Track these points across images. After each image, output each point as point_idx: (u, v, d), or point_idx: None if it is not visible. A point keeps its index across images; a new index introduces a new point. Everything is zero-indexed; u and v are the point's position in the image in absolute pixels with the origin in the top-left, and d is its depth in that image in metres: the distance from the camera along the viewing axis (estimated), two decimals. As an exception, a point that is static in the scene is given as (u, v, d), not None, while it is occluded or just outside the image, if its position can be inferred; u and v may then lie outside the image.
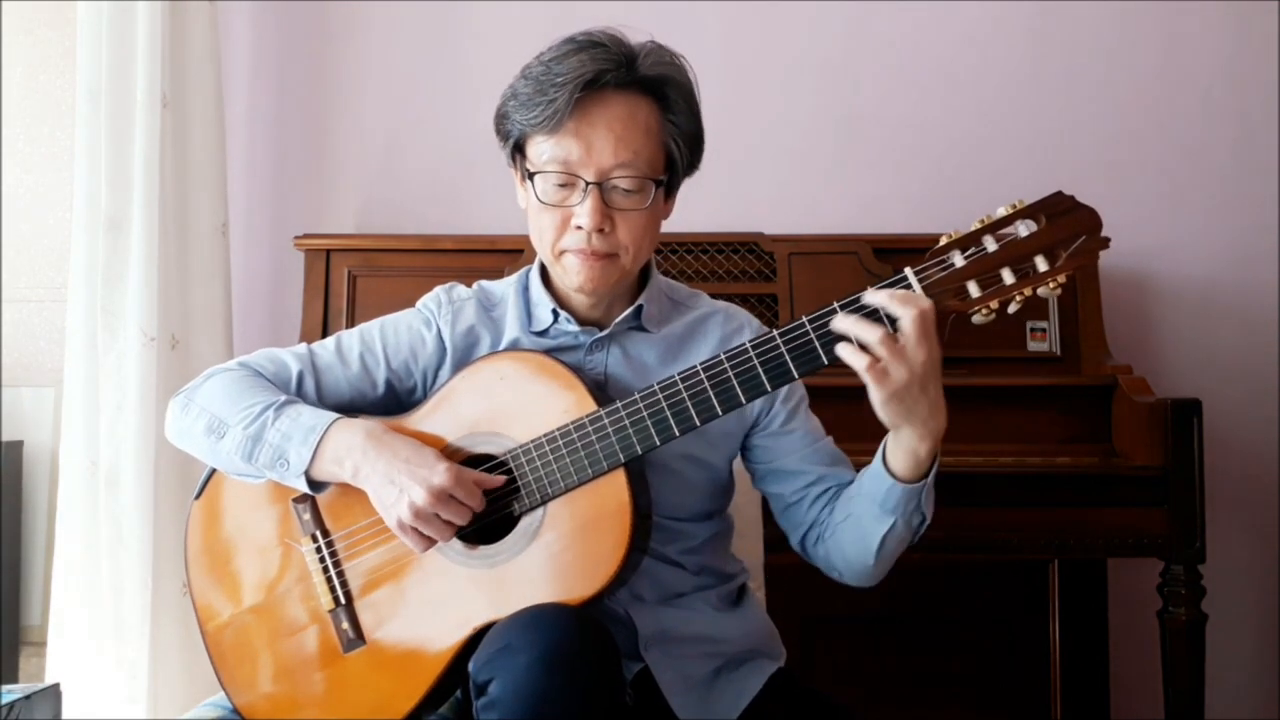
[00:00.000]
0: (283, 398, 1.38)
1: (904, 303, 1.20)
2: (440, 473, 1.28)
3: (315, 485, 1.35)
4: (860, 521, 1.36)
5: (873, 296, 1.21)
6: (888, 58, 2.60)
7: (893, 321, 1.21)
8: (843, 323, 1.22)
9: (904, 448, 1.29)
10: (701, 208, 1.84)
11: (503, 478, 1.32)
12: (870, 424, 1.24)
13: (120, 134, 2.29)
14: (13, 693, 1.93)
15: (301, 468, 1.33)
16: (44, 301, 2.70)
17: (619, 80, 1.32)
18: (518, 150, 1.39)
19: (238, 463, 1.37)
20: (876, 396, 1.22)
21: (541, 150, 1.34)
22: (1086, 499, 1.94)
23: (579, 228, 1.34)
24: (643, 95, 1.35)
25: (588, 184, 1.33)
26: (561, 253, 1.37)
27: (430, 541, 1.31)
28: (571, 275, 1.37)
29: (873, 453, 1.34)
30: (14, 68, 2.72)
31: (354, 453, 1.31)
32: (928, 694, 2.33)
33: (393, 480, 1.29)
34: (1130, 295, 2.51)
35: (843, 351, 1.21)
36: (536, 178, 1.35)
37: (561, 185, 1.34)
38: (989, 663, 2.34)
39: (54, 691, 2.00)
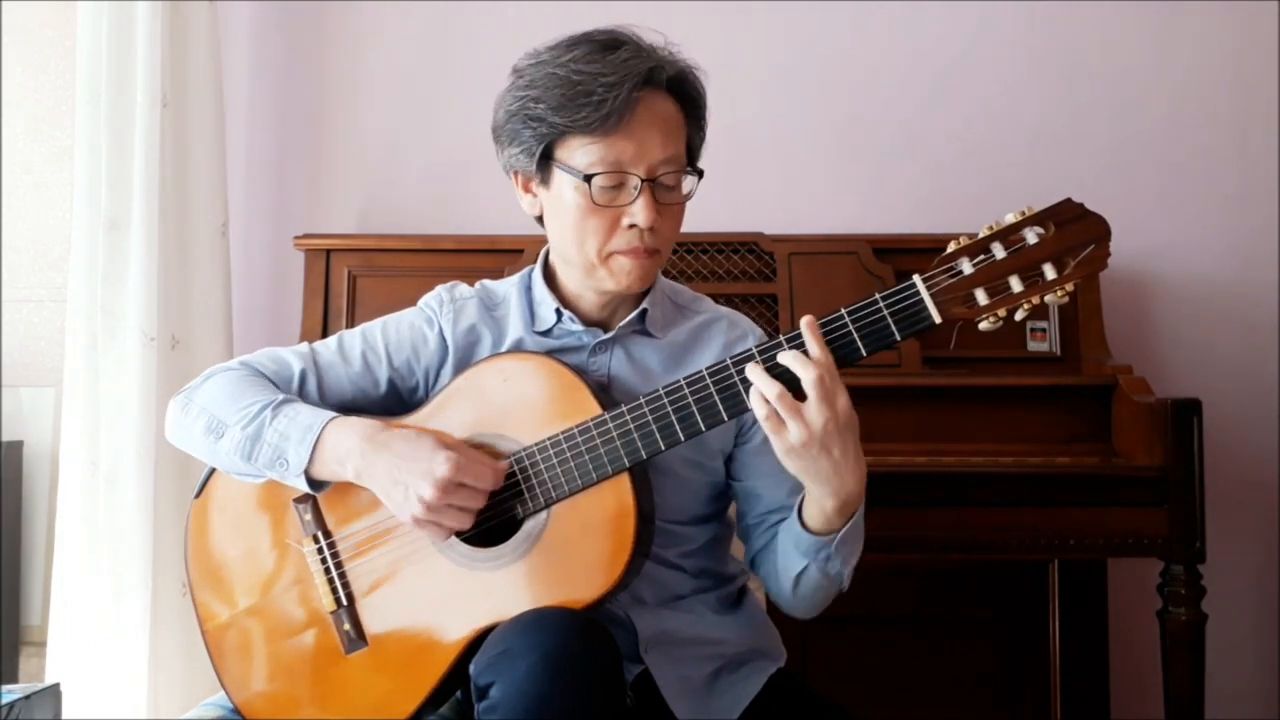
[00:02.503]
0: (280, 396, 1.37)
1: (804, 366, 1.21)
2: (441, 462, 1.27)
3: (316, 484, 1.35)
4: (784, 553, 1.37)
5: (782, 355, 1.23)
6: (889, 58, 2.60)
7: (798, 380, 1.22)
8: (751, 372, 1.23)
9: (812, 500, 1.30)
10: (701, 208, 1.84)
11: (506, 463, 1.31)
12: (871, 427, 1.25)
13: (120, 134, 2.29)
14: (13, 693, 1.93)
15: (300, 467, 1.32)
16: (44, 301, 2.70)
17: (663, 79, 1.33)
18: (544, 154, 1.36)
19: (237, 462, 1.36)
20: (775, 448, 1.24)
21: (585, 152, 1.32)
22: (1086, 499, 1.94)
23: (632, 226, 1.33)
24: (669, 93, 1.36)
25: (641, 181, 1.32)
26: (610, 255, 1.36)
27: (449, 530, 1.30)
28: (621, 276, 1.36)
29: (872, 454, 1.34)
30: (14, 68, 2.72)
31: (353, 455, 1.31)
32: (927, 694, 2.33)
33: (396, 480, 1.29)
34: (1130, 295, 2.50)
35: (750, 398, 1.23)
36: (592, 181, 1.32)
37: (610, 186, 1.33)
38: (989, 663, 2.34)
39: (54, 691, 2.00)
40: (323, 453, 1.32)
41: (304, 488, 1.35)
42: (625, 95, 1.28)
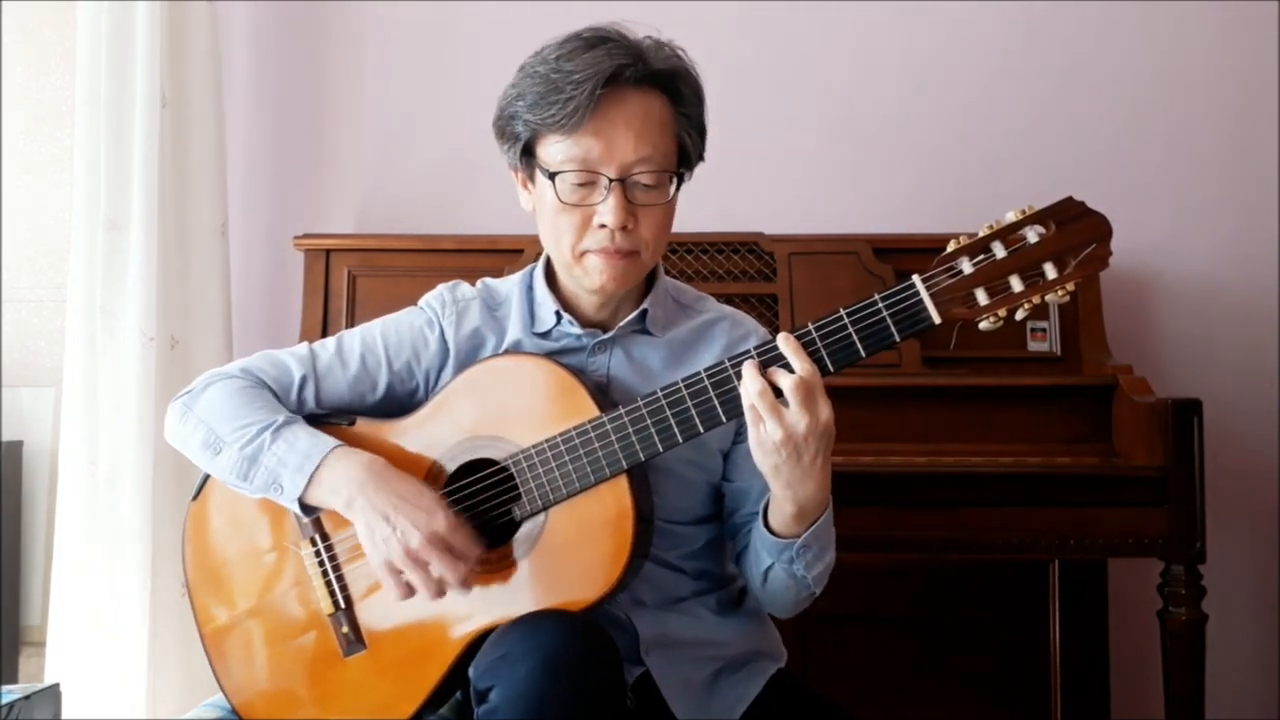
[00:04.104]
0: (280, 418, 1.37)
1: (785, 373, 1.22)
2: (440, 519, 1.27)
3: (308, 509, 1.35)
4: (754, 548, 1.38)
5: (768, 369, 1.24)
6: (888, 58, 2.59)
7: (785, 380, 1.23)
8: (744, 368, 1.24)
9: (775, 501, 1.31)
10: (701, 208, 1.84)
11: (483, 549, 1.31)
12: (871, 426, 1.25)
13: (120, 134, 2.29)
14: (13, 693, 1.93)
15: (295, 494, 1.32)
16: (44, 301, 2.70)
17: (635, 76, 1.32)
18: (526, 152, 1.37)
19: (233, 480, 1.36)
20: (750, 439, 1.25)
21: (557, 150, 1.33)
22: (1087, 499, 1.94)
23: (602, 226, 1.33)
24: (656, 90, 1.34)
25: (611, 181, 1.31)
26: (583, 253, 1.35)
27: (409, 589, 1.30)
28: (594, 275, 1.36)
29: (872, 454, 1.34)
30: (14, 68, 2.72)
31: (350, 485, 1.31)
32: (928, 694, 2.33)
33: (388, 518, 1.28)
34: (1130, 295, 2.50)
35: (741, 389, 1.24)
36: (556, 178, 1.33)
37: (581, 184, 1.33)
38: (989, 663, 2.34)
39: (54, 691, 2.00)
40: (319, 481, 1.32)
41: (296, 512, 1.35)
42: (590, 93, 1.28)
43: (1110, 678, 2.31)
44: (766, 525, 1.33)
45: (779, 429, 1.21)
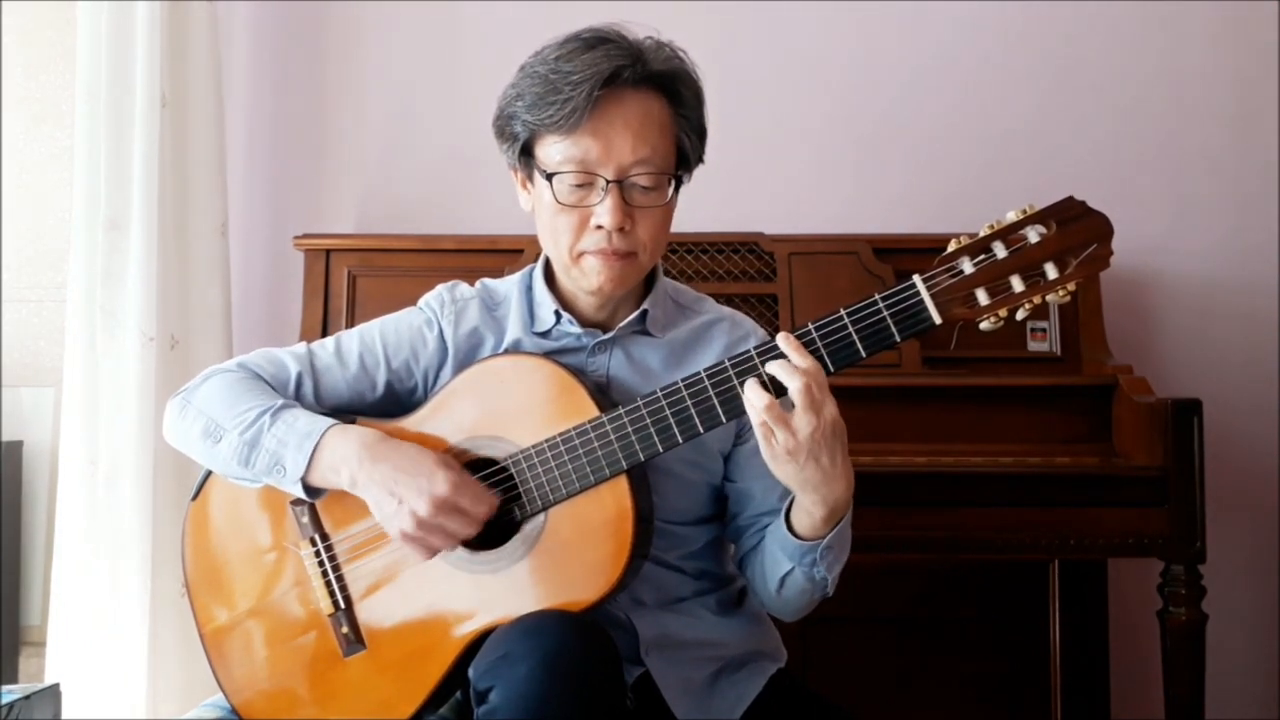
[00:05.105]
0: (279, 401, 1.37)
1: (790, 375, 1.21)
2: (441, 482, 1.27)
3: (312, 491, 1.35)
4: (771, 554, 1.37)
5: (770, 365, 1.23)
6: (888, 58, 2.59)
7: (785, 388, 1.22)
8: (747, 385, 1.24)
9: (801, 507, 1.30)
10: (701, 208, 1.84)
11: (499, 496, 1.31)
12: (871, 427, 1.25)
13: (120, 134, 2.29)
14: (13, 693, 1.93)
15: (298, 474, 1.32)
16: (44, 301, 2.70)
17: (634, 77, 1.32)
18: (524, 152, 1.38)
19: (235, 467, 1.36)
20: (765, 455, 1.24)
21: (555, 151, 1.33)
22: (1086, 499, 1.94)
23: (599, 227, 1.33)
24: (655, 91, 1.34)
25: (608, 182, 1.31)
26: (580, 254, 1.35)
27: (434, 550, 1.30)
28: (591, 276, 1.36)
29: (872, 454, 1.34)
30: (14, 68, 2.72)
31: (350, 462, 1.31)
32: (927, 694, 2.33)
33: (392, 492, 1.28)
34: (1130, 295, 2.50)
35: (747, 405, 1.23)
36: (554, 179, 1.33)
37: (578, 185, 1.33)
38: (989, 663, 2.34)
39: (54, 691, 2.00)
40: (320, 460, 1.32)
41: (300, 494, 1.35)
42: (587, 94, 1.28)
43: (1110, 678, 2.31)
44: (791, 529, 1.33)
45: (789, 437, 1.21)
